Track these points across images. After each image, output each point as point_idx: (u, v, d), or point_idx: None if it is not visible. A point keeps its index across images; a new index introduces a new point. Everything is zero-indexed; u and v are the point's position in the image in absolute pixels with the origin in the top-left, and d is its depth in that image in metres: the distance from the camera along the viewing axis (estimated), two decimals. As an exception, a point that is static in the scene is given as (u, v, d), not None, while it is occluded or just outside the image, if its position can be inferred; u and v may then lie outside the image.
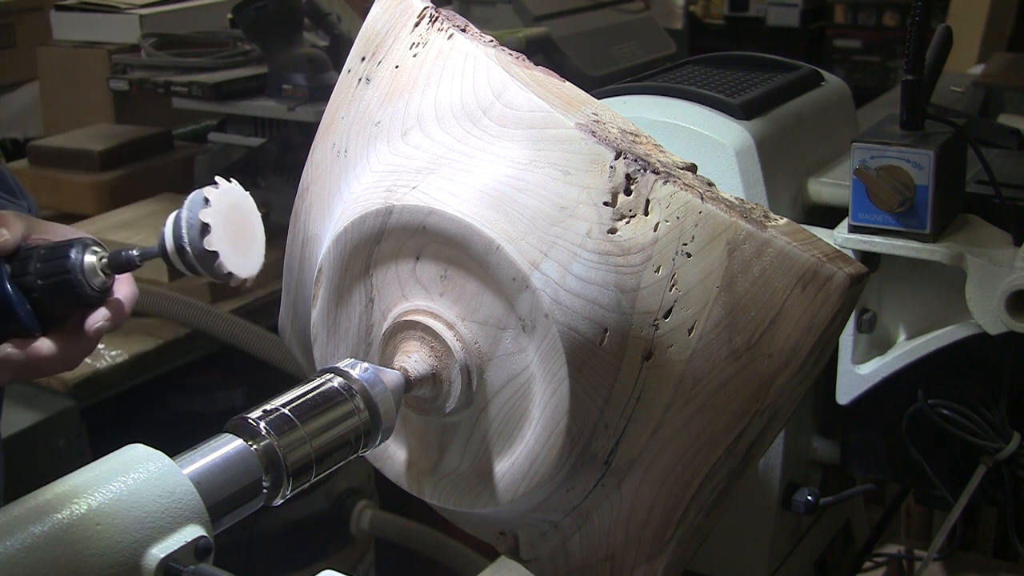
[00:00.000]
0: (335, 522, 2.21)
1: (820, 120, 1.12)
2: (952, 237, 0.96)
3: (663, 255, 0.75)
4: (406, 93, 0.83)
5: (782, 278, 0.74)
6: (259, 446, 0.70)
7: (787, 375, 0.75)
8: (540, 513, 0.84)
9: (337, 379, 0.76)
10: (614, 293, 0.76)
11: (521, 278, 0.75)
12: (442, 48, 0.83)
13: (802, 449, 1.11)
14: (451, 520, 0.93)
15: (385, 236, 0.81)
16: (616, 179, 0.76)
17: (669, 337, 0.76)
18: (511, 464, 0.81)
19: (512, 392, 0.79)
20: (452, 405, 0.81)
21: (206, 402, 2.10)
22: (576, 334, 0.75)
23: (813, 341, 0.74)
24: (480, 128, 0.80)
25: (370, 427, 0.76)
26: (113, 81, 2.54)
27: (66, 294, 0.90)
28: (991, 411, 0.99)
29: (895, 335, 1.02)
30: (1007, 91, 1.76)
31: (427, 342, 0.81)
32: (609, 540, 0.83)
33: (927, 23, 0.94)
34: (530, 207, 0.76)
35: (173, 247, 0.89)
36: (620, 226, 0.76)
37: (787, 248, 0.73)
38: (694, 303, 0.75)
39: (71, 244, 0.91)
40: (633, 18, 3.21)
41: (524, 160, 0.78)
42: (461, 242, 0.77)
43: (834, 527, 1.22)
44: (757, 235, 0.74)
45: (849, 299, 0.74)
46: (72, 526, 0.60)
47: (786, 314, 0.74)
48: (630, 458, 0.79)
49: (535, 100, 0.79)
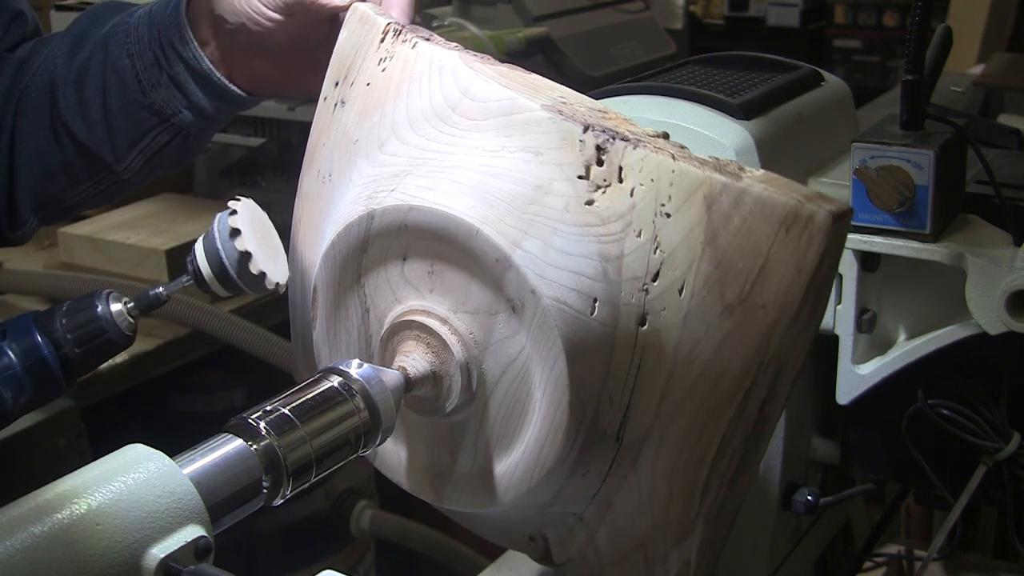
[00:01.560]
0: (335, 522, 2.21)
1: (820, 120, 1.12)
2: (952, 237, 0.96)
3: (642, 219, 0.76)
4: (379, 107, 0.85)
5: (764, 225, 0.74)
6: (259, 446, 0.70)
7: (784, 324, 0.74)
8: (562, 505, 0.84)
9: (337, 379, 0.76)
10: (599, 263, 0.76)
11: (504, 258, 0.76)
12: (408, 58, 0.85)
13: (802, 449, 1.11)
14: (476, 531, 0.93)
15: (371, 242, 0.82)
16: (587, 152, 0.77)
17: (660, 300, 0.76)
18: (522, 453, 0.80)
19: (512, 378, 0.79)
20: (454, 402, 0.81)
21: (206, 402, 2.10)
22: (565, 307, 0.75)
23: (804, 285, 0.73)
24: (451, 125, 0.81)
25: (370, 427, 0.76)
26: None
27: (100, 349, 0.90)
28: (991, 411, 0.99)
29: (895, 335, 1.02)
30: (1007, 91, 1.76)
31: (423, 340, 0.81)
32: (636, 526, 0.82)
33: (927, 23, 0.94)
34: (506, 190, 0.77)
35: (208, 265, 0.90)
36: (596, 196, 0.77)
37: (765, 194, 0.73)
38: (680, 263, 0.75)
39: (92, 298, 0.91)
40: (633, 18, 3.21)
41: (496, 147, 0.79)
42: (443, 233, 0.78)
43: (834, 527, 1.22)
44: (733, 186, 0.74)
45: (834, 238, 0.73)
46: (72, 526, 0.60)
47: (773, 261, 0.74)
48: (641, 432, 0.79)
49: (500, 90, 0.80)
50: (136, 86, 1.01)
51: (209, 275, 0.91)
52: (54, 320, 0.90)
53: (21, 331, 0.88)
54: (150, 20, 1.01)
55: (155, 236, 2.06)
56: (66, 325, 0.90)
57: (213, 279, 0.91)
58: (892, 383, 1.00)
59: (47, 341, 0.88)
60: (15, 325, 0.89)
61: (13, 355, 0.87)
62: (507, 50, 2.69)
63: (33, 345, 0.88)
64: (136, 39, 1.02)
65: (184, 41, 0.99)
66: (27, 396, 0.87)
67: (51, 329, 0.89)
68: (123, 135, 1.03)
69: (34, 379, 0.87)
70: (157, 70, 1.00)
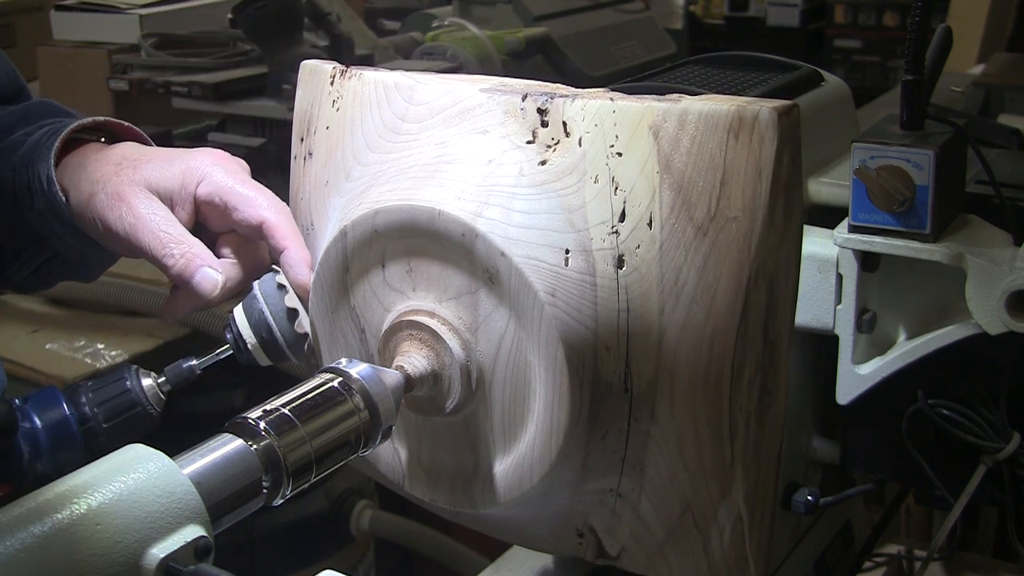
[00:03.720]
0: (335, 522, 2.21)
1: (820, 120, 1.12)
2: (952, 237, 0.96)
3: (596, 164, 0.78)
4: (340, 143, 0.88)
5: (713, 138, 0.75)
6: (259, 446, 0.70)
7: (760, 231, 0.75)
8: (594, 481, 0.83)
9: (337, 379, 0.76)
10: (563, 215, 0.77)
11: (469, 230, 0.77)
12: (356, 90, 0.88)
13: (802, 449, 1.11)
14: (523, 543, 0.92)
15: (350, 259, 0.84)
16: (530, 117, 0.80)
17: (632, 238, 0.77)
18: (535, 428, 0.80)
19: (507, 354, 0.80)
20: (455, 399, 0.81)
21: (206, 402, 2.10)
22: (538, 262, 0.76)
23: (769, 186, 0.74)
24: (402, 134, 0.84)
25: (370, 427, 0.76)
26: (113, 81, 2.54)
27: (135, 427, 0.87)
28: (991, 411, 0.99)
29: (895, 335, 1.02)
30: (1007, 91, 1.76)
31: (415, 337, 0.82)
32: (675, 487, 0.82)
33: (927, 23, 0.94)
34: (460, 172, 0.80)
35: (257, 339, 0.88)
36: (548, 156, 0.79)
37: (706, 108, 0.75)
38: (642, 197, 0.76)
39: (120, 376, 0.87)
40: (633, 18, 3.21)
41: (445, 139, 0.82)
42: (409, 225, 0.80)
43: (834, 527, 1.22)
44: (673, 108, 0.76)
45: (785, 133, 0.74)
46: (72, 526, 0.60)
47: (732, 170, 0.75)
48: (648, 377, 0.79)
49: (440, 87, 0.84)
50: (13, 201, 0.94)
51: (253, 343, 0.88)
52: (79, 394, 0.86)
53: (46, 401, 0.85)
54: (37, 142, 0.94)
55: (155, 236, 2.06)
56: (93, 399, 0.86)
57: (257, 347, 0.88)
58: (892, 383, 1.00)
59: (73, 413, 0.85)
60: (40, 396, 0.85)
61: (37, 420, 0.84)
62: (507, 50, 2.69)
63: (59, 415, 0.84)
64: (21, 156, 0.94)
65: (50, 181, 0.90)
66: (44, 459, 0.83)
67: (78, 403, 0.86)
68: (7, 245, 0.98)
69: (54, 441, 0.84)
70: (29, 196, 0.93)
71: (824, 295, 1.00)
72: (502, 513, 0.87)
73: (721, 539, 0.82)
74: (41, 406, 0.84)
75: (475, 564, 2.01)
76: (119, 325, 2.08)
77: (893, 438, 1.04)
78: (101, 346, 2.01)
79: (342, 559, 2.22)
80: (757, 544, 0.83)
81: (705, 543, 0.83)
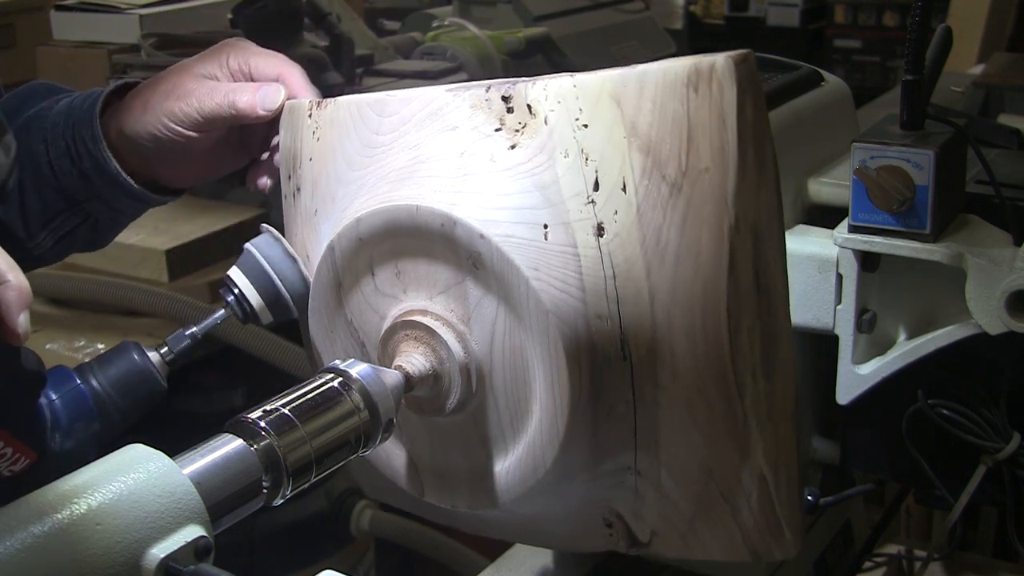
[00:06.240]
0: (335, 522, 2.21)
1: (820, 120, 1.12)
2: (952, 237, 0.96)
3: (563, 140, 0.79)
4: (324, 171, 0.90)
5: (673, 95, 0.76)
6: (259, 446, 0.70)
7: (733, 179, 0.76)
8: (610, 460, 0.83)
9: (337, 379, 0.76)
10: (537, 192, 0.79)
11: (447, 219, 0.78)
12: (332, 116, 0.90)
13: (802, 449, 1.11)
14: (550, 544, 0.91)
15: (341, 274, 0.86)
16: (495, 106, 0.81)
17: (609, 205, 0.78)
18: (539, 410, 0.80)
19: (501, 339, 0.80)
20: (457, 394, 0.81)
21: (206, 402, 2.10)
22: (518, 239, 0.77)
23: (735, 133, 0.75)
24: (378, 147, 0.86)
25: (370, 427, 0.76)
26: (113, 81, 2.54)
27: (145, 400, 0.87)
28: (991, 411, 0.99)
29: (895, 335, 1.02)
30: (1007, 91, 1.76)
31: (412, 337, 0.82)
32: (693, 455, 0.81)
33: (927, 23, 0.94)
34: (434, 168, 0.81)
35: (262, 297, 0.88)
36: (517, 139, 0.80)
37: (661, 68, 0.77)
38: (613, 164, 0.78)
39: (127, 352, 0.88)
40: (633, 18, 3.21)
41: (417, 142, 0.84)
42: (392, 227, 0.81)
43: (834, 527, 1.22)
44: (631, 73, 0.77)
45: (745, 80, 0.75)
46: (72, 526, 0.60)
47: (696, 123, 0.76)
48: (645, 341, 0.79)
49: (408, 95, 0.86)
50: (48, 170, 1.01)
51: (258, 301, 0.88)
52: (87, 373, 0.86)
53: (59, 378, 0.85)
54: (68, 110, 1.01)
55: (155, 236, 2.06)
56: (102, 376, 0.86)
57: (262, 306, 0.89)
58: (892, 383, 1.00)
59: (87, 387, 0.85)
60: (53, 373, 0.85)
61: (53, 394, 0.84)
62: (507, 50, 2.69)
63: (74, 390, 0.84)
64: (52, 126, 1.01)
65: (95, 140, 0.99)
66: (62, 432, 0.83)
67: (87, 380, 0.86)
68: (35, 214, 1.03)
69: (71, 415, 0.84)
70: (68, 160, 1.00)
71: (824, 295, 1.00)
72: (527, 512, 0.87)
73: (750, 506, 0.82)
74: (55, 382, 0.84)
75: (475, 564, 2.01)
76: (119, 325, 2.08)
77: (893, 438, 1.04)
78: (101, 346, 2.01)
79: (342, 559, 2.22)
80: (788, 506, 0.82)
81: (735, 513, 0.82)
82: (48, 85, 1.11)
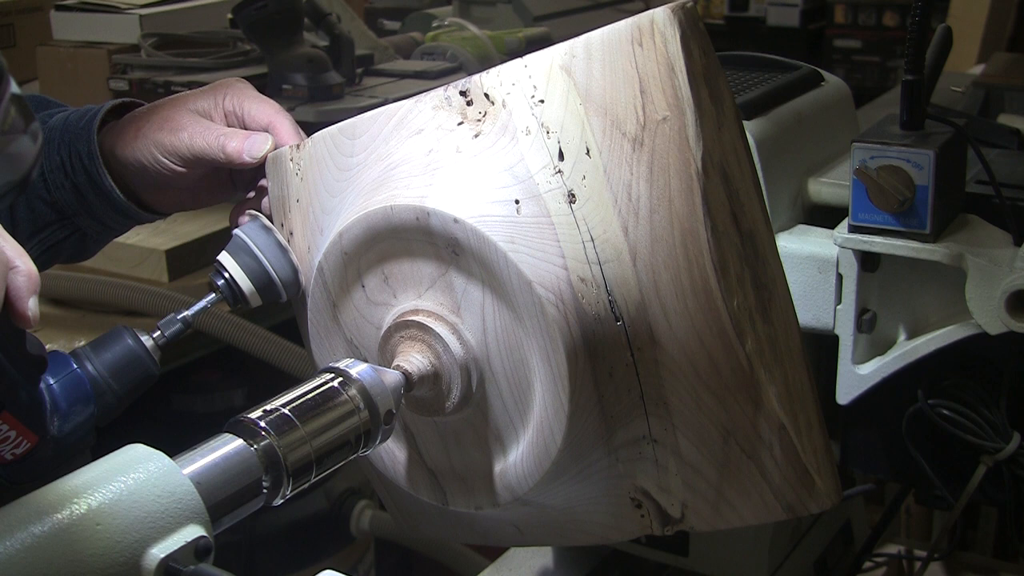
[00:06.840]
0: (335, 522, 2.20)
1: (820, 120, 1.12)
2: (952, 237, 0.96)
3: (523, 118, 0.81)
4: (310, 207, 0.92)
5: (619, 55, 0.79)
6: (259, 446, 0.70)
7: (692, 122, 0.77)
8: (623, 430, 0.82)
9: (337, 379, 0.76)
10: (505, 172, 0.80)
11: (421, 211, 0.80)
12: (311, 153, 0.92)
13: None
14: (583, 540, 0.91)
15: (333, 292, 0.87)
16: (455, 102, 0.84)
17: (576, 171, 0.79)
18: (540, 387, 0.80)
19: (492, 322, 0.80)
20: (459, 389, 0.81)
21: (206, 402, 2.10)
22: (491, 217, 0.78)
23: (686, 79, 0.77)
24: (352, 168, 0.88)
25: (370, 427, 0.76)
26: (113, 81, 2.54)
27: (140, 384, 0.87)
28: (991, 411, 0.99)
29: (895, 335, 1.02)
30: (1007, 91, 1.76)
31: (407, 337, 0.83)
32: (706, 413, 0.81)
33: (927, 23, 0.94)
34: (404, 171, 0.83)
35: (252, 281, 0.90)
36: (480, 128, 0.83)
37: (604, 31, 0.80)
38: (574, 132, 0.80)
39: (120, 337, 0.88)
40: (633, 18, 3.21)
41: (388, 151, 0.86)
42: (371, 234, 0.82)
43: (834, 527, 1.22)
44: (576, 42, 0.81)
45: (686, 26, 0.78)
46: (72, 526, 0.60)
47: (646, 76, 0.78)
48: (635, 302, 0.79)
49: (373, 114, 0.88)
50: (41, 183, 1.02)
51: (248, 286, 0.89)
52: (82, 357, 0.86)
53: (56, 363, 0.85)
54: (65, 124, 1.02)
55: (155, 236, 2.06)
56: (97, 361, 0.85)
57: (253, 290, 0.90)
58: (892, 383, 1.00)
59: (83, 372, 0.84)
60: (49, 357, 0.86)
61: (50, 378, 0.84)
62: (507, 50, 2.69)
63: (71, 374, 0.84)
64: (47, 139, 1.02)
65: (91, 156, 0.99)
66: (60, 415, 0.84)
67: (83, 365, 0.85)
68: (24, 225, 1.03)
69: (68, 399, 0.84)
70: (62, 174, 1.01)
71: (824, 295, 1.00)
72: (554, 503, 0.87)
73: (774, 458, 0.82)
74: (53, 367, 0.84)
75: (475, 564, 2.01)
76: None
77: (893, 438, 1.04)
78: (101, 346, 2.01)
79: (342, 559, 2.22)
80: (813, 452, 0.82)
81: (760, 469, 0.82)
82: (41, 98, 1.11)
